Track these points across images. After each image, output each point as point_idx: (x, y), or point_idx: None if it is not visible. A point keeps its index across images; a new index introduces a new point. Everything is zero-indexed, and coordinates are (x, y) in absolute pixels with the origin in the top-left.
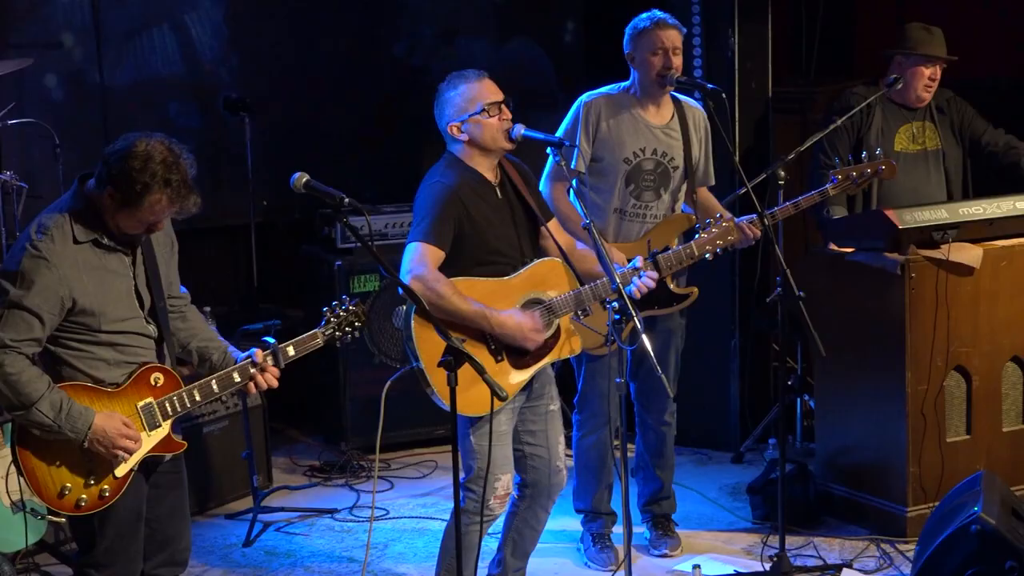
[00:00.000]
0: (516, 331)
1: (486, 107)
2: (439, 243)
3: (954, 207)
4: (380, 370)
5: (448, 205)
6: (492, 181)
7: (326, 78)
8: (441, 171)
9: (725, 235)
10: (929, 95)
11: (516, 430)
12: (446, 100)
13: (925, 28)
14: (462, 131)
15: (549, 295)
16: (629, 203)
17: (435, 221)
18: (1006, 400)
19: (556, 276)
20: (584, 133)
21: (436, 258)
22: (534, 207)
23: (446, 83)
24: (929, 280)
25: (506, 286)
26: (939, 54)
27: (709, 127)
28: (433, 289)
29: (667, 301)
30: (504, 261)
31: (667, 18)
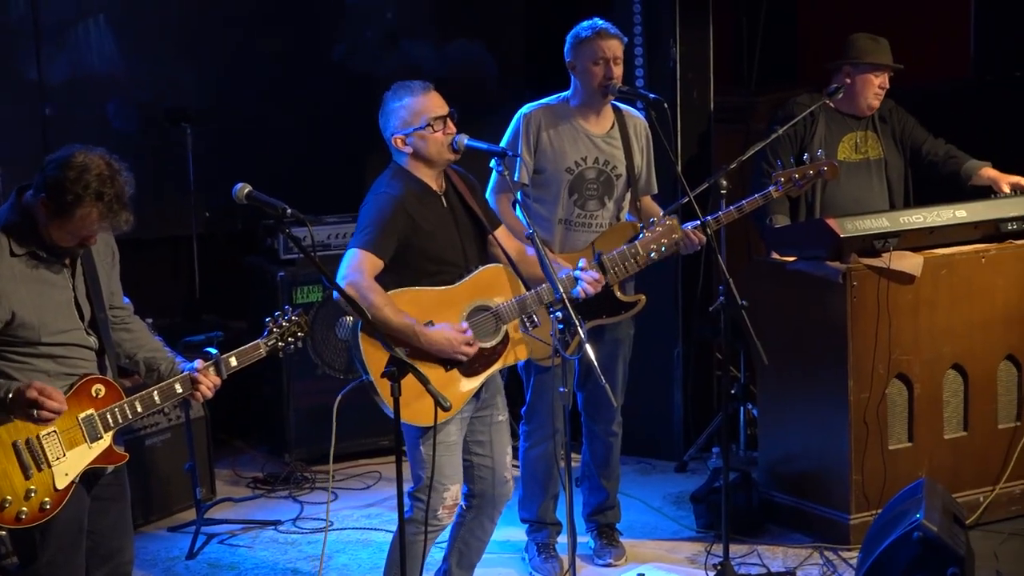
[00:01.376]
0: (446, 346)
1: (431, 121)
2: (378, 252)
3: (895, 216)
4: (323, 381)
5: (393, 216)
6: (437, 191)
7: (266, 84)
8: (387, 182)
9: (669, 233)
10: (878, 103)
11: (465, 440)
12: (391, 111)
13: (871, 38)
14: (407, 144)
15: (495, 302)
16: (574, 213)
17: (377, 231)
18: (947, 407)
19: (501, 282)
20: (525, 145)
21: (373, 267)
22: (480, 215)
23: (391, 93)
24: (871, 288)
25: (451, 295)
26: (887, 62)
27: (651, 136)
28: (365, 298)
29: (614, 309)
30: (451, 270)
31: (608, 28)
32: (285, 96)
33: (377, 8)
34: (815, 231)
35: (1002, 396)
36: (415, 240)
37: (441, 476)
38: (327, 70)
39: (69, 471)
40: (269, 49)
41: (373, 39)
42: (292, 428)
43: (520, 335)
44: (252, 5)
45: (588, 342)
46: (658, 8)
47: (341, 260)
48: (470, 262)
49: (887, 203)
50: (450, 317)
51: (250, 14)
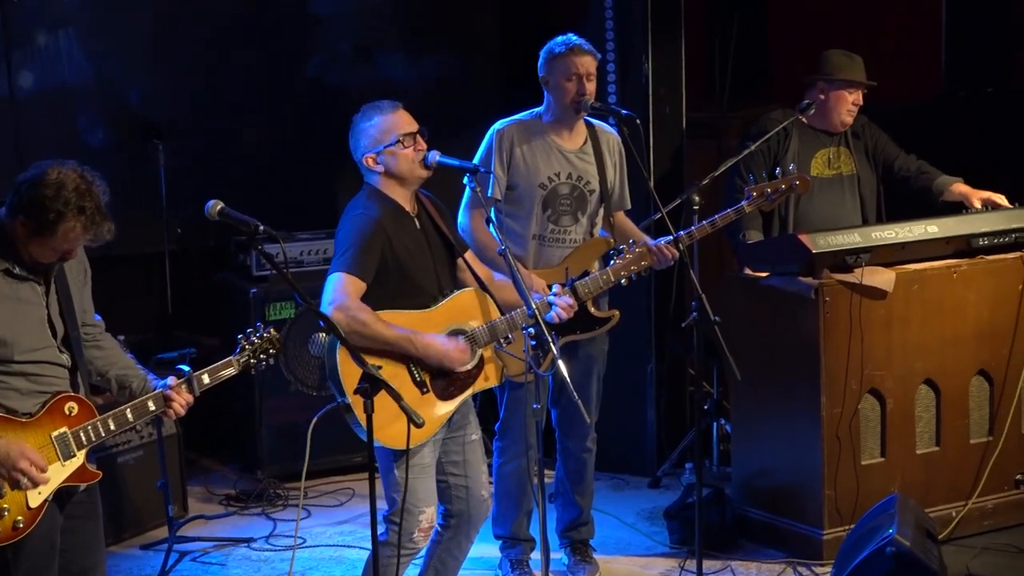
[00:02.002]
0: (442, 354)
1: (400, 138)
2: (361, 274)
3: (867, 231)
4: (296, 398)
5: (372, 237)
6: (411, 212)
7: (239, 99)
8: (363, 203)
9: (639, 260)
10: (851, 120)
11: (439, 461)
12: (360, 131)
13: (846, 54)
14: (378, 162)
15: (471, 326)
16: (547, 228)
17: (358, 252)
18: (919, 423)
19: (476, 307)
20: (498, 161)
21: (358, 289)
22: (451, 238)
23: (360, 114)
24: (843, 304)
25: (428, 318)
26: (861, 79)
27: (624, 152)
28: (356, 318)
29: (589, 325)
30: (424, 293)
31: (582, 44)
32: (258, 111)
33: (351, 21)
34: (787, 246)
35: (974, 411)
36: (392, 262)
37: (415, 499)
38: (300, 84)
39: (42, 490)
40: (242, 63)
41: (346, 53)
42: (264, 445)
43: (494, 359)
44: (225, 19)
45: (561, 358)
46: (630, 24)
47: (324, 286)
48: (443, 285)
49: (860, 218)
50: None
51: (223, 28)
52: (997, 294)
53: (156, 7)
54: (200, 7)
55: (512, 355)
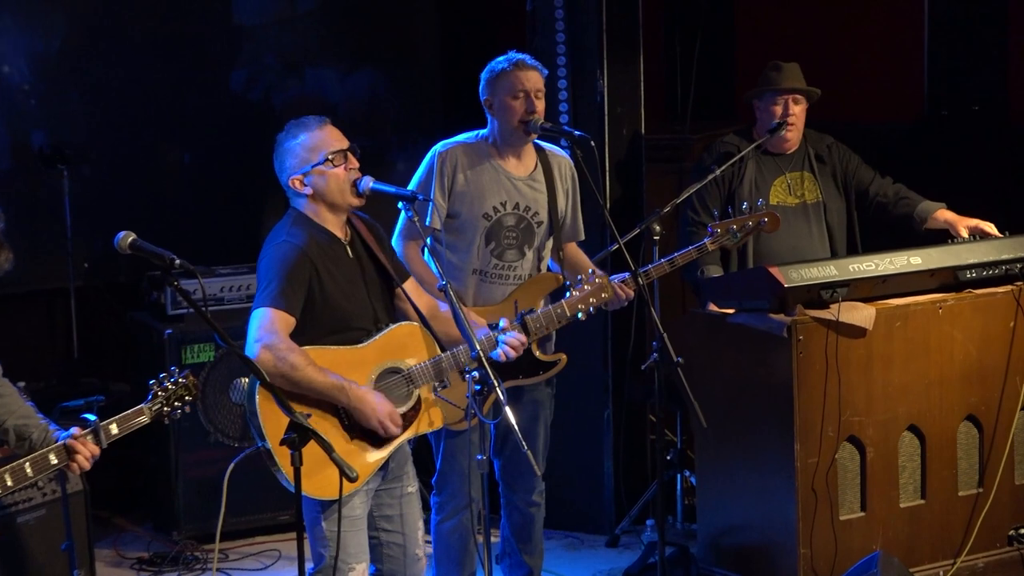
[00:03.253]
0: (371, 413)
1: (330, 156)
2: (289, 308)
3: (844, 263)
4: (216, 450)
5: (297, 267)
6: (342, 239)
7: (153, 118)
8: (287, 230)
9: (599, 292)
10: (794, 134)
11: (371, 515)
12: (286, 151)
13: (775, 65)
14: (305, 184)
15: (407, 363)
16: (490, 263)
17: (284, 285)
18: (903, 473)
19: (415, 342)
20: (439, 186)
21: (287, 325)
22: (388, 267)
23: (284, 133)
24: (818, 343)
25: (359, 355)
26: (787, 85)
27: (576, 177)
28: (285, 359)
29: (533, 369)
30: (357, 327)
31: (527, 59)
32: (174, 131)
33: (278, 33)
34: (757, 280)
35: (962, 460)
36: (320, 294)
37: (345, 555)
38: (222, 101)
39: None
40: (157, 78)
41: (273, 67)
42: (181, 502)
43: (433, 400)
44: (138, 32)
45: (507, 404)
46: (584, 38)
47: (248, 323)
48: (379, 319)
49: (827, 250)
50: (357, 379)
51: (137, 39)
52: (986, 332)
53: (65, 18)
54: (113, 17)
55: (449, 401)
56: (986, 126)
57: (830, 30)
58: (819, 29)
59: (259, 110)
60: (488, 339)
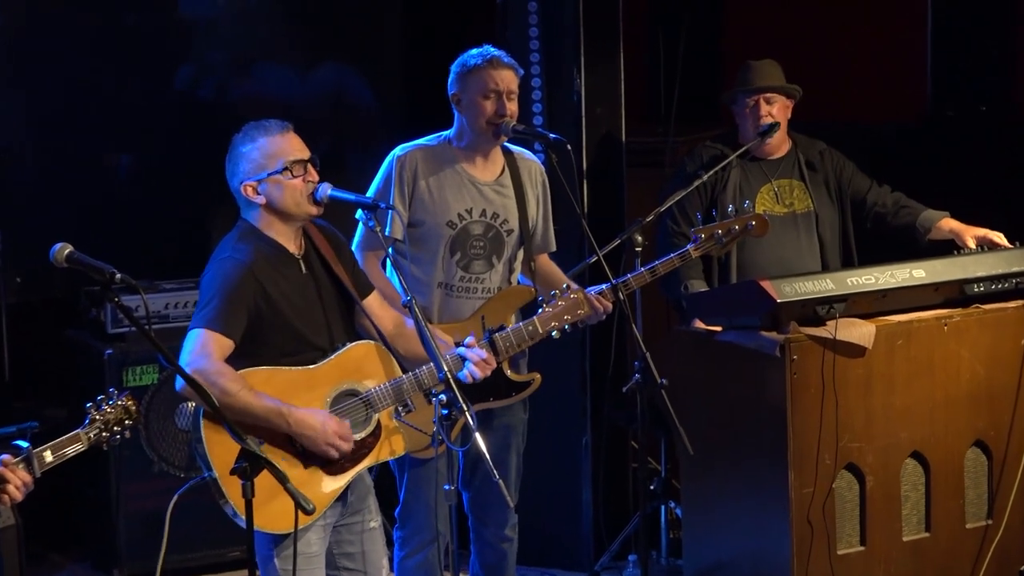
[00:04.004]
0: (319, 433)
1: (289, 165)
2: (226, 330)
3: (841, 277)
4: (160, 480)
5: (240, 286)
6: (295, 253)
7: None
8: (233, 244)
9: (574, 308)
10: (775, 137)
11: (331, 552)
12: (241, 155)
13: (746, 64)
14: (259, 192)
15: (366, 385)
16: (456, 275)
17: (223, 304)
18: (906, 504)
19: (373, 362)
20: (399, 193)
21: (222, 348)
22: (347, 282)
23: (241, 135)
24: (814, 363)
25: (312, 376)
26: (757, 84)
27: (547, 183)
28: (216, 384)
29: (504, 391)
30: (312, 348)
31: (502, 56)
32: (115, 133)
33: (229, 27)
34: (747, 295)
35: (970, 490)
36: (269, 314)
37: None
38: (167, 101)
39: None
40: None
41: (223, 64)
42: (123, 538)
43: (394, 425)
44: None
45: (478, 429)
46: (560, 33)
47: (183, 343)
48: (336, 339)
49: (818, 263)
50: (311, 403)
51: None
52: (995, 350)
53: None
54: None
55: (413, 426)
56: (994, 128)
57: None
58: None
59: (208, 110)
60: (454, 359)
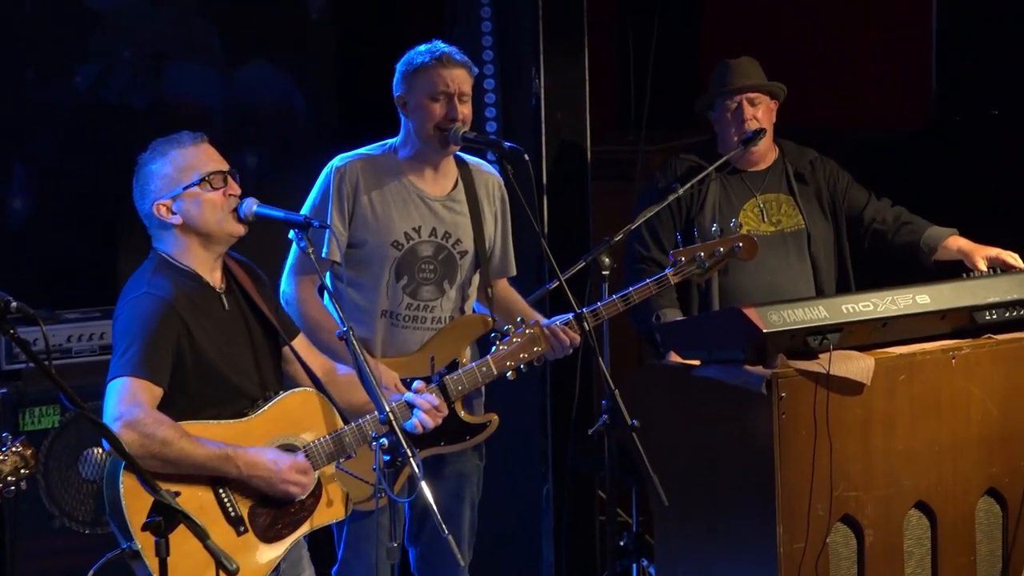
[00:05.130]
0: (274, 472)
1: (206, 176)
2: (154, 377)
3: (835, 303)
4: (62, 537)
5: (163, 325)
6: (217, 287)
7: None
8: (148, 279)
9: (530, 346)
10: (760, 144)
11: None
12: (150, 174)
13: (723, 64)
14: (173, 211)
15: (304, 439)
16: (402, 303)
17: (146, 348)
18: (909, 560)
19: (312, 412)
20: (337, 209)
21: (152, 396)
22: (273, 320)
23: (149, 153)
24: (805, 401)
25: (244, 430)
26: (737, 84)
27: (507, 199)
28: (153, 436)
29: (457, 434)
30: (241, 397)
31: (453, 53)
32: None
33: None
34: (729, 324)
35: (982, 544)
36: (192, 358)
37: None
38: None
39: None
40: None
41: (131, 61)
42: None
43: (338, 485)
44: None
45: (424, 479)
46: (516, 29)
47: (105, 397)
48: (267, 385)
49: (811, 287)
50: None
51: None
52: (1010, 386)
53: None
54: None
55: (353, 475)
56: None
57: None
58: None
59: (114, 114)
60: (400, 405)
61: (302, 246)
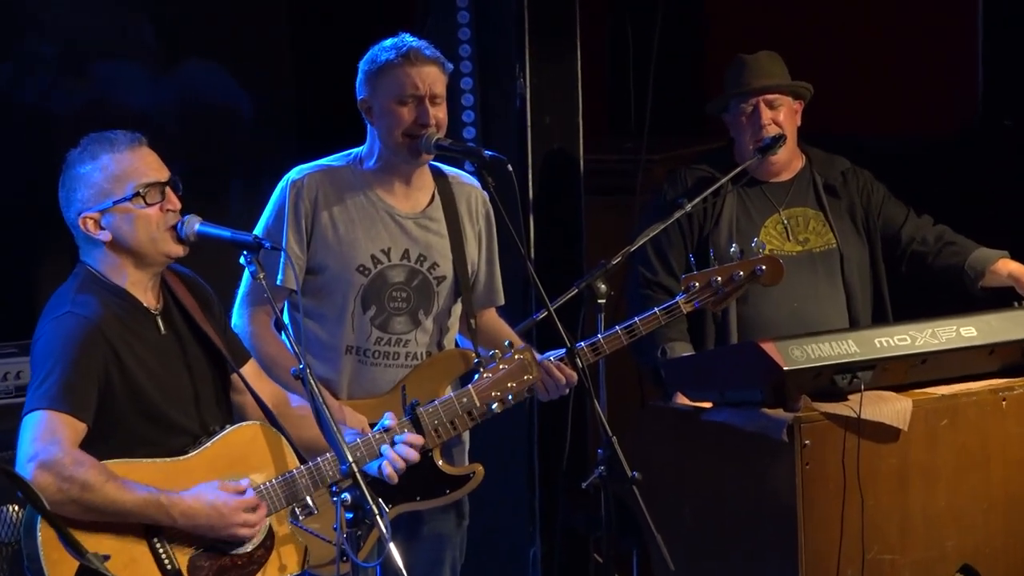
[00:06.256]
0: (217, 517)
1: (141, 189)
2: (76, 410)
3: (867, 336)
4: None
5: (87, 350)
6: (152, 308)
7: None
8: (72, 297)
9: (520, 374)
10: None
11: None
12: (78, 178)
13: (738, 60)
14: (102, 227)
15: (252, 481)
16: (371, 337)
17: (69, 376)
18: None
19: (260, 450)
20: (293, 229)
21: (74, 432)
22: (219, 344)
23: (79, 151)
24: (832, 449)
25: (182, 470)
26: (755, 84)
27: (492, 216)
28: (74, 479)
29: (435, 487)
30: (178, 432)
31: (422, 48)
32: None
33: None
34: (744, 361)
35: None
36: (123, 387)
37: None
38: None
39: None
40: None
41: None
42: None
43: (292, 536)
44: None
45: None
46: (498, 20)
47: (20, 431)
48: (209, 420)
49: (844, 316)
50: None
51: None
52: None
53: None
54: None
55: (314, 533)
56: None
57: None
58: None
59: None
60: (366, 444)
61: (252, 271)
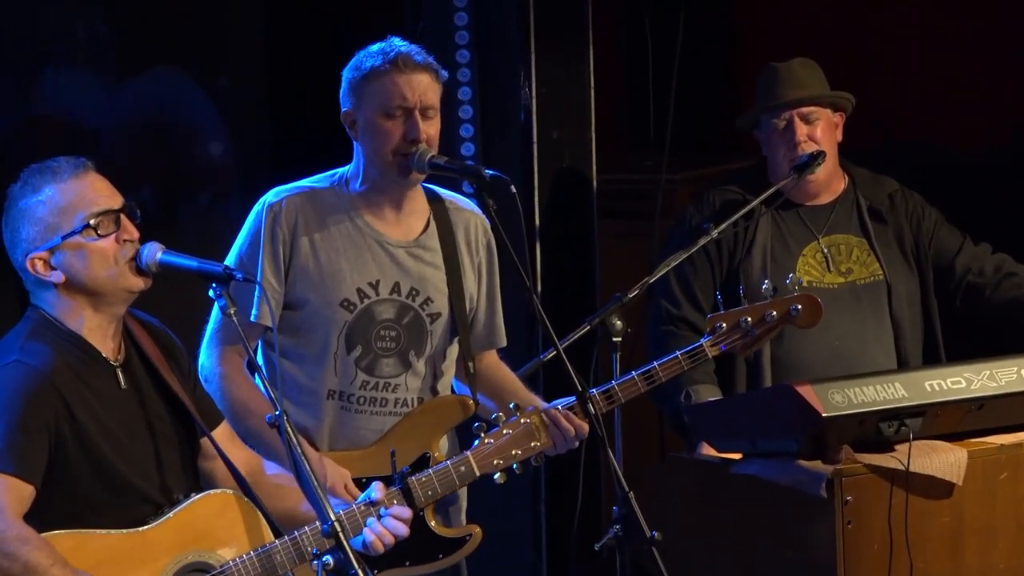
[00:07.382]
0: None
1: (92, 220)
2: (23, 471)
3: (916, 379)
4: None
5: (36, 404)
6: (111, 358)
7: None
8: (21, 343)
9: (526, 440)
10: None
11: None
12: (21, 214)
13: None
14: (53, 266)
15: (220, 555)
16: (356, 380)
17: (14, 433)
18: None
19: (231, 521)
20: (270, 259)
21: (20, 499)
22: (187, 403)
23: (20, 186)
24: (878, 507)
25: (142, 543)
26: (789, 97)
27: (494, 244)
28: (15, 556)
29: (428, 550)
30: (139, 500)
31: (412, 54)
32: None
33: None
34: (778, 406)
35: None
36: (76, 447)
37: None
38: None
39: None
40: None
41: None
42: None
43: None
44: None
45: None
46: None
47: None
48: (173, 486)
49: (891, 356)
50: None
51: None
52: None
53: None
54: None
55: None
56: None
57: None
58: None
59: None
60: (350, 516)
61: (222, 305)
